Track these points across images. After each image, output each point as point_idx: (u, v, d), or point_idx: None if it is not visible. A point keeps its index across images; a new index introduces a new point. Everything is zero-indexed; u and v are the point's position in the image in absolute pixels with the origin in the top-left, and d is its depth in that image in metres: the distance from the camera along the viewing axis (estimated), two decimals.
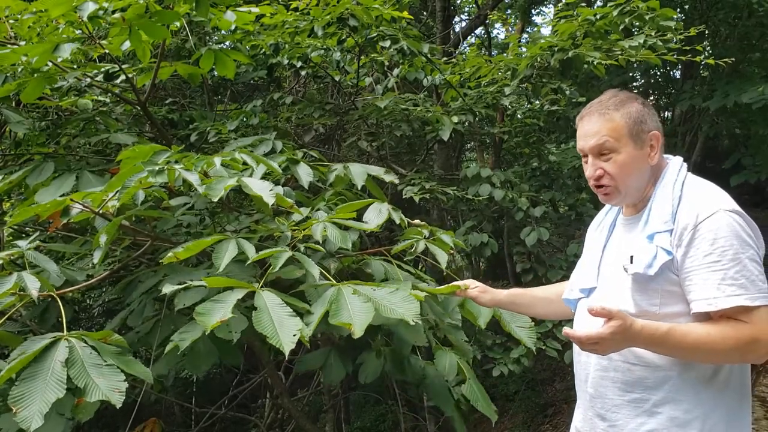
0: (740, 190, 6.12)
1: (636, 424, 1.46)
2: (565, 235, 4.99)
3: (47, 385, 1.39)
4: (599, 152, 1.51)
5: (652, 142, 1.52)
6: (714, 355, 1.36)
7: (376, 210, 2.11)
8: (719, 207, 1.40)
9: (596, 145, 1.51)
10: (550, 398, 5.75)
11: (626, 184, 1.51)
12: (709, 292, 1.35)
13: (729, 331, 1.33)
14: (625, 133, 1.50)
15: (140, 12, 2.28)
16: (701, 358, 1.38)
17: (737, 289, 1.33)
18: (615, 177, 1.50)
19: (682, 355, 1.38)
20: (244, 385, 4.52)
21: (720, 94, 5.60)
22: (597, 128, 1.51)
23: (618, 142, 1.49)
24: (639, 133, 1.50)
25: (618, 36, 3.52)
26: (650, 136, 1.52)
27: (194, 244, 1.74)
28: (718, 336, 1.33)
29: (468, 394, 2.04)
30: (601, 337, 1.32)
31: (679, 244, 1.41)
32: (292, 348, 1.45)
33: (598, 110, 1.53)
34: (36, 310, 2.32)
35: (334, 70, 4.15)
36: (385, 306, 1.60)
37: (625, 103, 1.53)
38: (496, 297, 1.92)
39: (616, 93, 1.57)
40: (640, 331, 1.34)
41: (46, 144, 3.08)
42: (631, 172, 1.50)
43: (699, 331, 1.34)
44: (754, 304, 1.33)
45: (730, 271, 1.34)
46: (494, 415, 2.04)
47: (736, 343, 1.32)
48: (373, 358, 2.17)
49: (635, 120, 1.51)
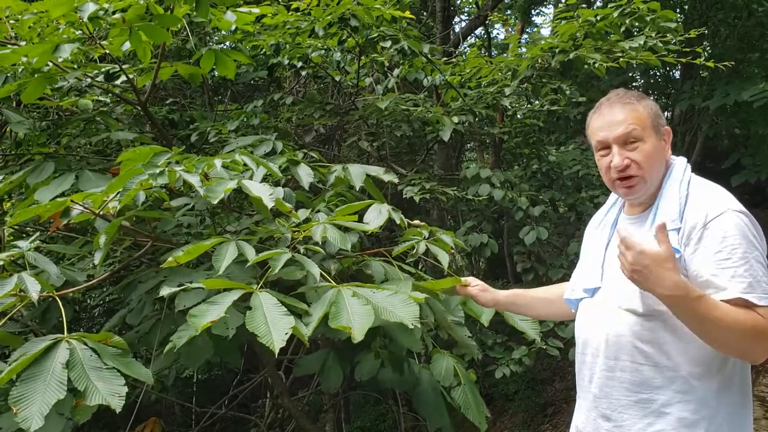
0: (740, 189, 6.11)
1: (643, 424, 1.46)
2: (565, 235, 4.99)
3: (48, 386, 1.40)
4: (625, 141, 1.51)
5: (665, 137, 1.55)
6: (731, 335, 1.34)
7: (376, 211, 2.11)
8: (728, 207, 1.41)
9: (623, 134, 1.50)
10: (550, 398, 5.75)
11: (651, 173, 1.51)
12: (721, 285, 1.37)
13: (749, 316, 1.34)
14: (648, 124, 1.52)
15: (141, 13, 2.28)
16: (718, 335, 1.35)
17: (747, 287, 1.35)
18: (643, 166, 1.50)
19: (704, 328, 1.35)
20: (244, 385, 4.53)
21: (720, 93, 5.60)
22: (623, 117, 1.51)
23: (644, 131, 1.51)
24: (659, 126, 1.54)
25: (618, 37, 3.52)
26: (665, 130, 1.55)
27: (194, 247, 1.75)
28: (741, 317, 1.33)
29: (460, 400, 2.04)
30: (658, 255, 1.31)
31: (687, 242, 1.42)
32: (282, 346, 1.46)
33: (620, 101, 1.54)
34: (37, 310, 2.32)
35: (334, 70, 4.15)
36: (384, 308, 1.60)
37: (642, 96, 1.56)
38: (496, 297, 1.93)
39: (627, 90, 1.60)
40: (684, 281, 1.33)
41: (46, 144, 3.08)
42: (655, 162, 1.52)
43: (726, 308, 1.34)
44: (761, 303, 1.34)
45: (740, 269, 1.36)
46: (484, 423, 2.01)
47: (753, 328, 1.33)
48: (371, 357, 2.17)
49: (655, 112, 1.54)
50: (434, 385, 2.11)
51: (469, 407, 2.02)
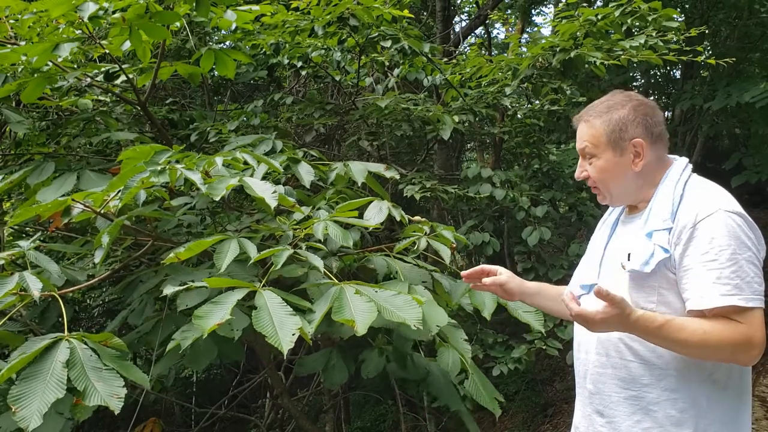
0: (741, 189, 6.10)
1: (632, 421, 1.46)
2: (566, 235, 4.98)
3: (47, 385, 1.39)
4: (584, 155, 1.59)
5: (637, 149, 1.52)
6: (706, 351, 1.36)
7: (376, 208, 2.11)
8: (719, 207, 1.40)
9: (580, 149, 1.59)
10: (550, 398, 5.74)
11: (607, 188, 1.57)
12: (704, 291, 1.36)
13: (724, 329, 1.33)
14: (603, 141, 1.54)
15: (140, 12, 2.28)
16: (694, 354, 1.38)
17: (732, 289, 1.34)
18: (596, 180, 1.57)
19: (676, 349, 1.39)
20: (244, 385, 4.52)
21: (722, 94, 5.59)
22: (580, 133, 1.59)
23: (596, 148, 1.55)
24: (618, 140, 1.52)
25: (619, 36, 3.51)
26: (632, 143, 1.52)
27: (196, 244, 1.74)
28: (712, 333, 1.33)
29: (470, 389, 2.03)
30: (593, 317, 1.36)
31: (677, 242, 1.41)
32: (290, 347, 1.45)
33: (585, 115, 1.60)
34: (36, 309, 2.32)
35: (334, 70, 4.14)
36: (386, 309, 1.60)
37: (612, 109, 1.55)
38: (524, 282, 1.84)
39: (612, 96, 1.59)
40: (636, 321, 1.35)
41: (46, 144, 3.08)
42: (610, 178, 1.55)
43: (694, 326, 1.34)
44: (748, 305, 1.33)
45: (726, 271, 1.34)
46: (497, 409, 2.01)
47: (729, 341, 1.32)
48: (375, 355, 2.16)
49: (614, 128, 1.53)
50: (445, 374, 2.11)
51: (480, 394, 2.02)
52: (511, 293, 1.80)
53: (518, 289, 1.80)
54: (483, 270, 1.79)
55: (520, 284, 1.80)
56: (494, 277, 1.78)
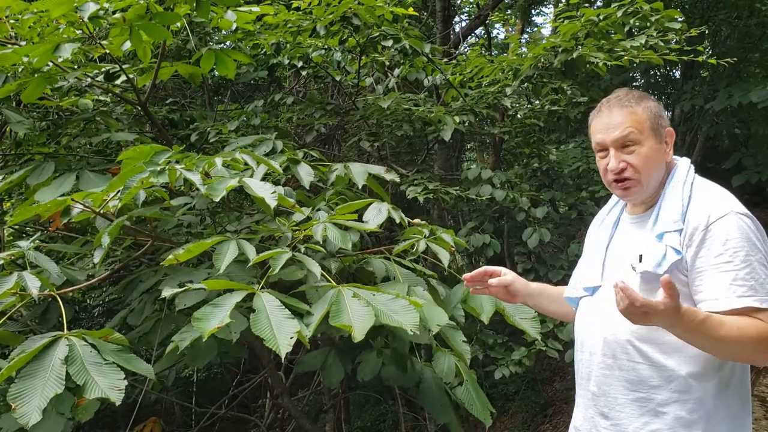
0: (741, 189, 6.11)
1: (640, 423, 1.45)
2: (566, 235, 4.98)
3: (47, 382, 1.39)
4: (623, 144, 1.50)
5: (667, 139, 1.54)
6: (739, 348, 1.33)
7: (375, 209, 2.11)
8: (731, 209, 1.40)
9: (620, 137, 1.50)
10: (550, 398, 5.74)
11: (648, 177, 1.50)
12: (720, 292, 1.35)
13: (751, 326, 1.32)
14: (647, 126, 1.50)
15: (141, 12, 2.28)
16: (724, 350, 1.35)
17: (748, 290, 1.34)
18: (639, 169, 1.49)
19: (710, 345, 1.34)
20: (244, 385, 4.53)
21: (723, 94, 5.58)
22: (620, 120, 1.51)
23: (641, 134, 1.49)
24: (658, 127, 1.52)
25: (621, 36, 3.51)
26: (667, 131, 1.53)
27: (195, 245, 1.74)
28: (747, 329, 1.31)
29: (463, 397, 2.03)
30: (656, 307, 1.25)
31: (689, 244, 1.41)
32: (288, 351, 1.46)
33: (619, 103, 1.53)
34: (37, 309, 2.32)
35: (335, 70, 4.14)
36: (384, 313, 1.60)
37: (643, 98, 1.54)
38: (529, 284, 1.82)
39: (629, 90, 1.58)
40: (683, 315, 1.30)
41: (46, 144, 3.08)
42: (653, 166, 1.50)
43: (730, 322, 1.32)
44: (763, 306, 1.33)
45: (741, 273, 1.35)
46: (488, 419, 2.00)
47: (758, 337, 1.31)
48: (373, 356, 2.16)
49: (655, 114, 1.52)
50: (438, 382, 2.10)
51: (473, 404, 2.01)
52: (516, 294, 1.78)
53: (523, 290, 1.78)
54: (486, 271, 1.77)
55: (524, 285, 1.79)
56: (499, 278, 1.76)
